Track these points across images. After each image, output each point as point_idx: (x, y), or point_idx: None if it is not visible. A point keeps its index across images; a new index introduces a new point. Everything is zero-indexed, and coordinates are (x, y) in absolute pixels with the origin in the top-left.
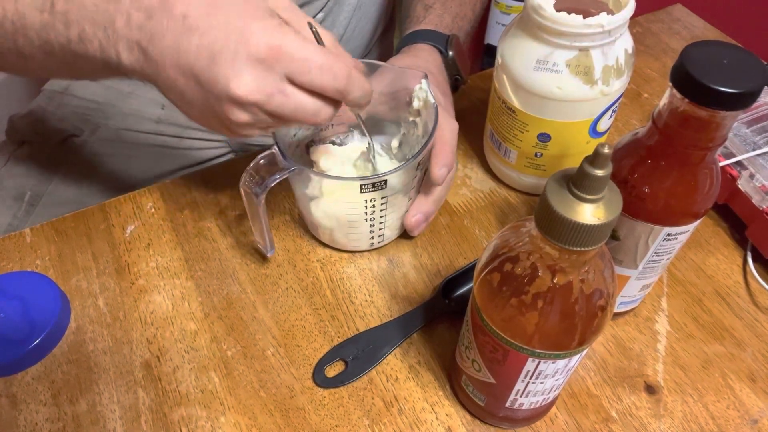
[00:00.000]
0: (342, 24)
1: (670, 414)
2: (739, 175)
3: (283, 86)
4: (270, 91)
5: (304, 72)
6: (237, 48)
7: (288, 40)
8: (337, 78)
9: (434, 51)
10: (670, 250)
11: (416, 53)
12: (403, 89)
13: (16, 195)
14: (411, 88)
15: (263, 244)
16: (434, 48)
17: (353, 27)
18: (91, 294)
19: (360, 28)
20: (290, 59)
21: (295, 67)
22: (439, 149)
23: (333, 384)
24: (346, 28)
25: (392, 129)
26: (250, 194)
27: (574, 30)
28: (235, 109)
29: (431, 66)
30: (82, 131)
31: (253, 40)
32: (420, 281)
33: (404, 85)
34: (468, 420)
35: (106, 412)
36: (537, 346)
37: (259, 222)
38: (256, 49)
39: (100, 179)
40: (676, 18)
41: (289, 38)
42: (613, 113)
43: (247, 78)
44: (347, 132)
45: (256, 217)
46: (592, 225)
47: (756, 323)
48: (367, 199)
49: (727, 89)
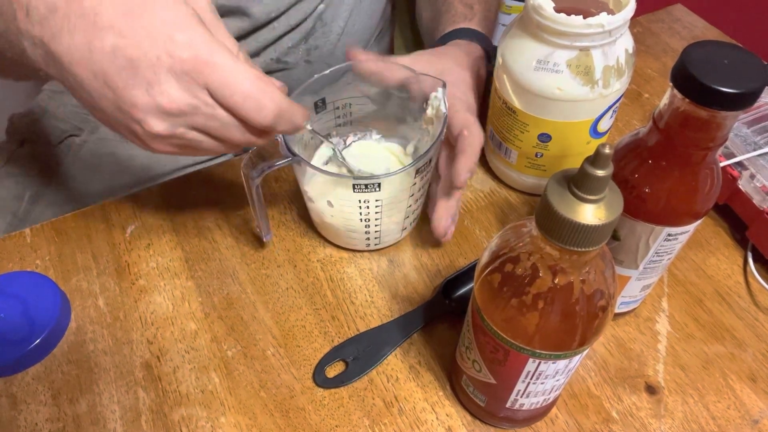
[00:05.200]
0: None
1: (670, 414)
2: (740, 175)
3: (207, 99)
4: (196, 104)
5: (228, 95)
6: (161, 56)
7: (217, 57)
8: (262, 111)
9: (483, 56)
10: (670, 250)
11: (471, 52)
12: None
13: (16, 194)
14: (427, 94)
15: (259, 229)
16: (485, 53)
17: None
18: (92, 294)
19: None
20: (216, 77)
21: (220, 87)
22: (469, 154)
23: (333, 384)
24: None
25: (411, 134)
26: (248, 176)
27: (574, 30)
28: (153, 118)
29: (482, 70)
30: (83, 131)
31: (180, 50)
32: (420, 281)
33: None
34: (468, 420)
35: (107, 412)
36: (538, 346)
37: (254, 205)
38: (180, 60)
39: (100, 179)
40: (676, 18)
41: (218, 55)
42: (614, 113)
43: (171, 87)
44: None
45: (252, 199)
46: (593, 225)
47: (756, 323)
48: (361, 199)
49: (727, 89)
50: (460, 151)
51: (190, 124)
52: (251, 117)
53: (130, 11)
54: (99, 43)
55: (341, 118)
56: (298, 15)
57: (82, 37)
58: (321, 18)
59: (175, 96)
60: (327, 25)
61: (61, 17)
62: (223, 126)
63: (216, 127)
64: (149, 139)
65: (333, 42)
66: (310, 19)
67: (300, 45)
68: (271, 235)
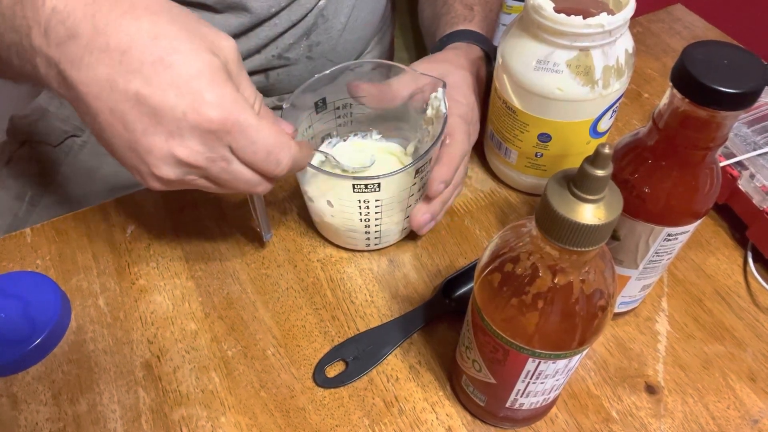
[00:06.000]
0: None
1: (670, 414)
2: (740, 175)
3: (227, 155)
4: (215, 158)
5: (250, 153)
6: (187, 112)
7: (243, 118)
8: (280, 164)
9: (484, 57)
10: (670, 250)
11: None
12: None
13: (17, 195)
14: (428, 94)
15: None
16: (484, 54)
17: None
18: (92, 294)
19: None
20: (242, 137)
21: (244, 146)
22: (444, 164)
23: (333, 384)
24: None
25: (411, 134)
26: None
27: (574, 30)
28: (166, 165)
29: (483, 73)
30: (83, 131)
31: (207, 110)
32: (420, 281)
33: (421, 91)
34: (468, 420)
35: (107, 412)
36: (537, 346)
37: (254, 206)
38: (208, 120)
39: (101, 179)
40: (676, 18)
41: (245, 116)
42: (614, 113)
43: (192, 143)
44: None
45: (251, 200)
46: (593, 225)
47: (756, 323)
48: (361, 199)
49: (727, 89)
50: (438, 160)
51: (202, 175)
52: (269, 171)
53: (159, 60)
54: (123, 84)
55: (342, 118)
56: (299, 10)
57: (104, 73)
58: (322, 14)
59: (196, 150)
60: (329, 21)
61: (82, 46)
62: (234, 178)
63: (227, 179)
64: (151, 179)
65: (335, 38)
66: (311, 14)
67: (301, 41)
68: (272, 235)
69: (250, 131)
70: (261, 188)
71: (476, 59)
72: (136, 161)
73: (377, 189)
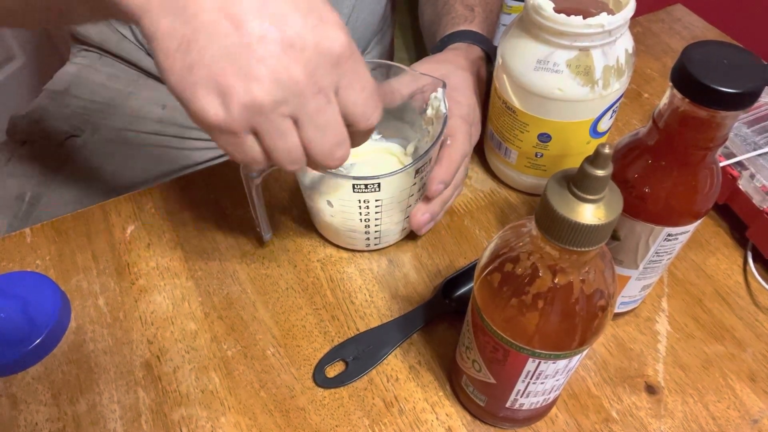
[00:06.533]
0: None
1: (670, 414)
2: (740, 175)
3: (330, 93)
4: (322, 87)
5: (357, 90)
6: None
7: (357, 49)
8: (375, 112)
9: (484, 57)
10: (670, 250)
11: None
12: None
13: (17, 195)
14: (428, 94)
15: (260, 228)
16: (485, 54)
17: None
18: (92, 294)
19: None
20: (356, 69)
21: (352, 82)
22: (443, 165)
23: (333, 384)
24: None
25: (411, 134)
26: (247, 177)
27: (574, 30)
28: (268, 82)
29: (483, 73)
30: (83, 131)
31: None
32: (420, 281)
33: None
34: (468, 420)
35: (107, 412)
36: (537, 346)
37: (254, 205)
38: (330, 40)
39: (100, 179)
40: (676, 18)
41: (359, 54)
42: (614, 113)
43: (306, 62)
44: None
45: (251, 200)
46: (593, 225)
47: (756, 323)
48: (361, 199)
49: (727, 89)
50: (438, 160)
51: (292, 113)
52: (361, 120)
53: None
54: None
55: None
56: None
57: None
58: None
59: (309, 71)
60: None
61: None
62: (324, 123)
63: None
64: (235, 102)
65: None
66: None
67: None
68: (271, 234)
69: (363, 66)
70: (340, 153)
71: (476, 59)
72: (233, 71)
73: (377, 189)
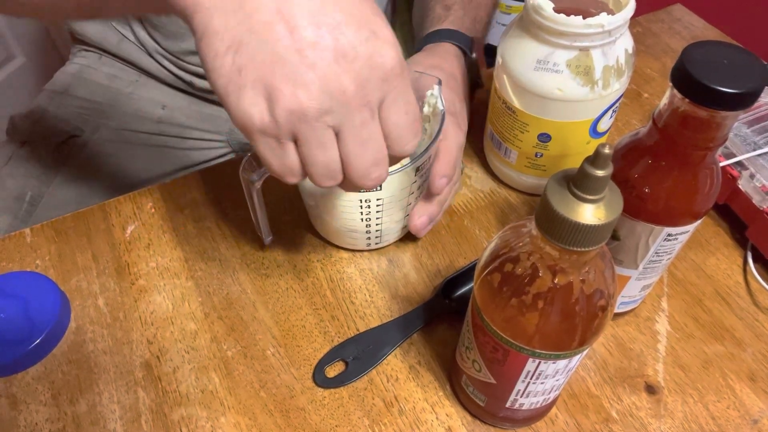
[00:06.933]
0: None
1: (670, 414)
2: (740, 175)
3: (374, 108)
4: (368, 101)
5: (401, 112)
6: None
7: (407, 75)
8: (407, 146)
9: (458, 52)
10: (670, 250)
11: (442, 54)
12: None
13: (17, 195)
14: (423, 93)
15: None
16: (458, 49)
17: None
18: (91, 294)
19: None
20: (402, 88)
21: (396, 100)
22: (442, 159)
23: (333, 384)
24: None
25: None
26: (247, 180)
27: (574, 30)
28: (315, 89)
29: (455, 68)
30: (83, 131)
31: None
32: (420, 281)
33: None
34: (468, 420)
35: (106, 412)
36: (537, 346)
37: (254, 209)
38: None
39: (100, 179)
40: (676, 18)
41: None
42: (614, 113)
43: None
44: None
45: (252, 203)
46: (593, 225)
47: (756, 323)
48: (361, 199)
49: (727, 89)
50: (436, 156)
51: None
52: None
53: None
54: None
55: None
56: None
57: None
58: None
59: (359, 83)
60: None
61: None
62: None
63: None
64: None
65: None
66: None
67: None
68: (272, 238)
69: (410, 89)
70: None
71: (446, 54)
72: (282, 75)
73: (378, 188)
